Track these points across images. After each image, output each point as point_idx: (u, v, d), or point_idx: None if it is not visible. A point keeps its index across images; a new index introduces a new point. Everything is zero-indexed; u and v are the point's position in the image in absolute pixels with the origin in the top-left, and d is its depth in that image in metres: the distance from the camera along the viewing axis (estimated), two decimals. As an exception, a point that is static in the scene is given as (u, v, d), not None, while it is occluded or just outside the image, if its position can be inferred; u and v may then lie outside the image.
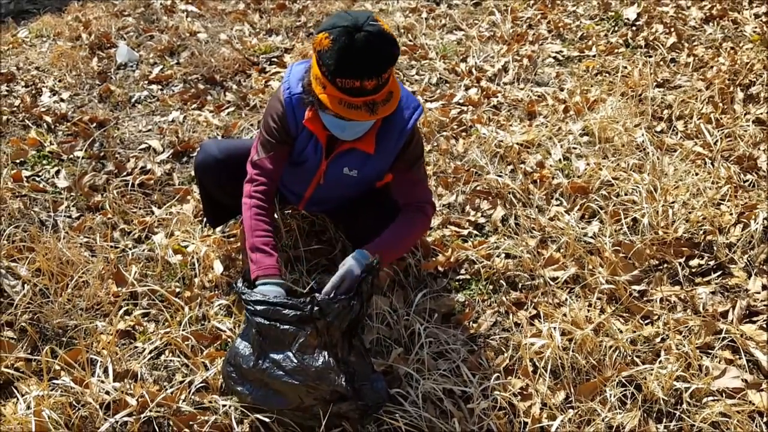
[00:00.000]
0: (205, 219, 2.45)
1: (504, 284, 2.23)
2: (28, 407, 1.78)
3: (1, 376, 1.94)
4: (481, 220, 2.50)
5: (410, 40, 3.90)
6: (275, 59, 3.79)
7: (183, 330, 2.05)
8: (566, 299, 2.15)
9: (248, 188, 1.99)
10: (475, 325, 2.10)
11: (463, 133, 3.02)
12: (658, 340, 2.02)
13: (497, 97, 3.30)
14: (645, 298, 2.17)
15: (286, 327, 1.72)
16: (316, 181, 2.06)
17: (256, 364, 1.73)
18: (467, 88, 3.40)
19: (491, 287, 2.24)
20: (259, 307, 1.74)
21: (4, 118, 3.22)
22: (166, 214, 2.58)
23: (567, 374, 1.88)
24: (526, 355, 1.93)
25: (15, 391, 1.89)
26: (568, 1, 4.30)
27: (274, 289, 1.82)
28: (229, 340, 2.05)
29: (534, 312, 2.12)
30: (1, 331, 2.10)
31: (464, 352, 1.99)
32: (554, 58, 3.67)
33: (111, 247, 2.41)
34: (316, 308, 1.70)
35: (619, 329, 2.03)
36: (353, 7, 4.40)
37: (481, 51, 3.73)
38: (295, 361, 1.71)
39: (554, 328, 1.96)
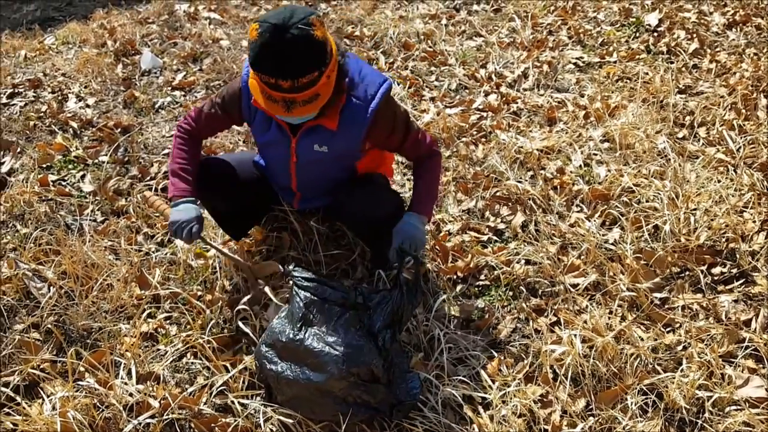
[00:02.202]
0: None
1: (524, 290, 2.23)
2: (54, 408, 1.82)
3: (27, 377, 1.98)
4: (501, 226, 2.50)
5: (430, 47, 3.91)
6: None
7: (204, 333, 2.07)
8: (587, 306, 2.14)
9: (179, 125, 2.17)
10: (494, 332, 2.10)
11: (483, 139, 3.02)
12: (679, 348, 2.00)
13: (517, 103, 3.30)
14: (666, 306, 2.15)
15: (332, 305, 1.81)
16: (293, 164, 2.09)
17: (298, 334, 1.78)
18: (487, 94, 3.40)
19: (511, 293, 2.23)
20: (307, 283, 1.85)
21: (32, 123, 3.29)
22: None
23: (587, 382, 1.88)
24: (546, 362, 1.93)
25: (41, 392, 1.93)
26: (589, 7, 4.29)
27: (188, 206, 2.01)
28: (250, 343, 2.07)
29: (554, 319, 2.12)
30: (27, 333, 2.14)
31: (484, 359, 1.99)
32: (574, 64, 3.66)
33: (135, 250, 2.45)
34: (359, 296, 1.82)
35: (640, 337, 2.02)
36: (374, 13, 4.43)
37: (501, 57, 3.73)
38: (337, 334, 1.77)
39: (575, 335, 1.96)
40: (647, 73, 3.43)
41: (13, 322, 2.19)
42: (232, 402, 1.87)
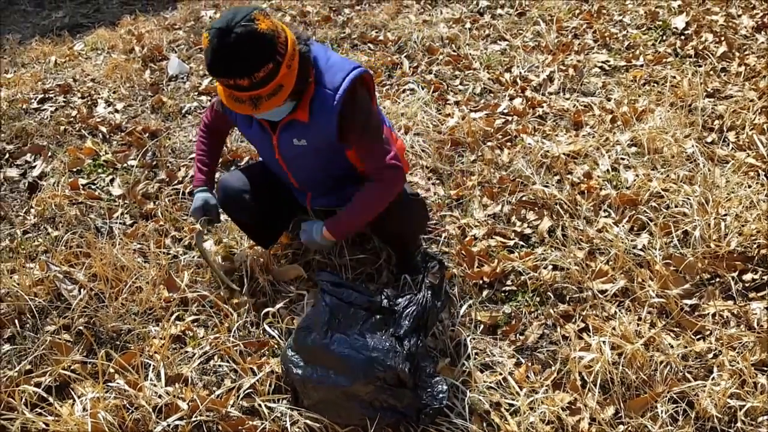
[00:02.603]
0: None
1: (551, 296, 2.21)
2: (85, 409, 1.84)
3: (58, 378, 2.01)
4: (528, 231, 2.49)
5: (454, 51, 3.91)
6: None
7: (232, 336, 2.09)
8: (615, 313, 2.11)
9: (201, 118, 2.36)
10: (521, 338, 2.09)
11: (508, 143, 3.01)
12: (710, 356, 1.97)
13: (542, 107, 3.28)
14: (697, 313, 2.12)
15: (358, 309, 1.82)
16: (281, 160, 2.11)
17: (324, 339, 1.79)
18: (512, 98, 3.39)
19: (538, 299, 2.22)
20: (333, 287, 1.86)
21: (62, 128, 3.35)
22: (216, 222, 2.63)
23: (616, 389, 1.86)
24: (574, 368, 1.91)
25: (72, 392, 1.96)
26: (614, 11, 4.25)
27: (199, 195, 2.22)
28: (276, 347, 2.08)
29: (582, 325, 2.10)
30: (58, 334, 2.17)
31: (511, 365, 1.98)
32: (600, 67, 3.63)
33: (163, 253, 2.47)
34: (385, 300, 1.83)
35: (669, 344, 2.00)
36: (398, 17, 4.43)
37: (526, 61, 3.72)
38: (363, 338, 1.78)
39: (604, 341, 1.94)
40: (675, 77, 3.39)
41: (44, 324, 2.23)
42: (259, 405, 1.88)
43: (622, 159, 2.82)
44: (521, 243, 2.46)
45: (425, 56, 3.87)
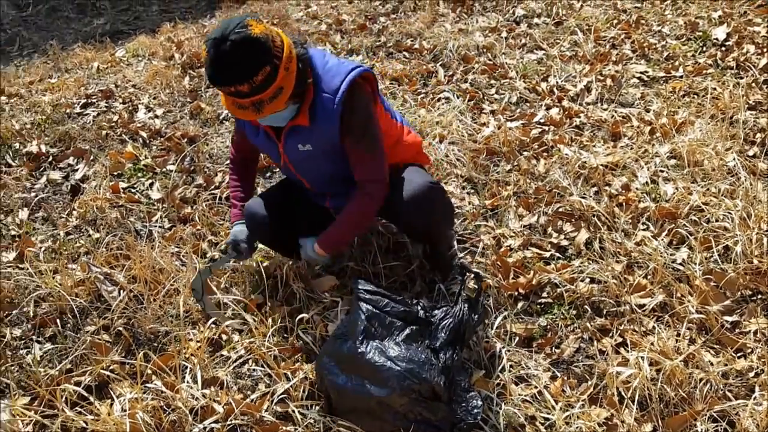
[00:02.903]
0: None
1: (588, 309, 2.18)
2: (123, 409, 1.87)
3: (97, 378, 2.05)
4: (564, 243, 2.46)
5: (490, 60, 3.90)
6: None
7: (266, 340, 2.11)
8: (654, 328, 2.08)
9: (228, 161, 2.48)
10: (557, 351, 2.06)
11: (545, 153, 2.99)
12: (752, 374, 1.92)
13: (580, 117, 3.25)
14: (738, 330, 2.08)
15: (394, 319, 1.82)
16: (290, 165, 2.14)
17: (360, 347, 1.78)
18: (548, 108, 3.36)
19: (574, 312, 2.19)
20: (369, 295, 1.86)
21: (104, 132, 3.43)
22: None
23: (655, 406, 1.83)
24: (612, 383, 1.88)
25: (110, 392, 1.99)
26: (653, 21, 4.20)
27: (240, 228, 2.26)
28: (310, 353, 2.09)
29: (620, 340, 2.07)
30: (98, 334, 2.22)
31: (546, 378, 1.96)
32: (639, 78, 3.58)
33: (200, 257, 2.51)
34: (421, 310, 1.83)
35: (709, 361, 1.95)
36: (433, 26, 4.44)
37: (563, 70, 3.69)
38: (399, 349, 1.77)
39: (642, 357, 1.90)
40: (715, 89, 3.33)
41: (84, 324, 2.28)
42: (293, 411, 1.89)
43: (661, 171, 2.77)
44: (557, 255, 2.43)
45: (461, 65, 3.87)
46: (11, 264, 2.56)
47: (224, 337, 2.19)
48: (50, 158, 3.27)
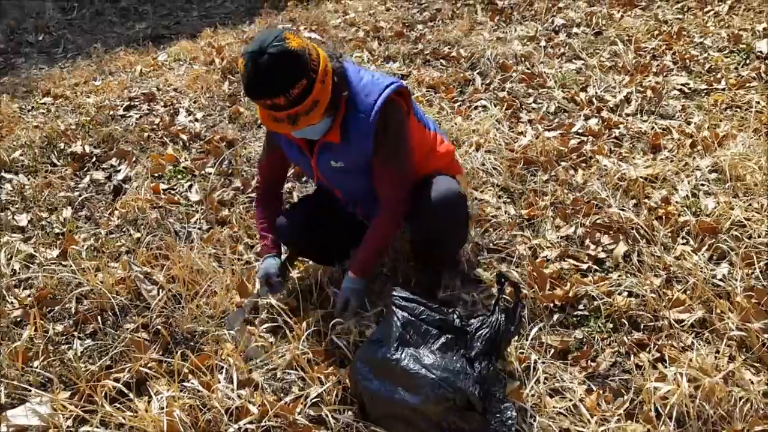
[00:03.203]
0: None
1: (625, 323, 2.15)
2: (161, 407, 1.91)
3: (136, 374, 2.09)
4: (602, 255, 2.43)
5: (528, 69, 3.88)
6: (393, 85, 3.88)
7: (300, 344, 2.12)
8: (692, 344, 2.04)
9: (255, 191, 2.49)
10: (593, 364, 2.04)
11: (583, 164, 2.96)
12: (795, 395, 1.88)
13: (619, 128, 3.21)
14: (780, 349, 2.03)
15: (430, 327, 1.82)
16: (323, 179, 2.16)
17: (395, 354, 1.79)
18: (587, 118, 3.33)
19: (611, 326, 2.17)
20: (405, 303, 1.86)
21: (146, 134, 3.50)
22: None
23: (692, 423, 1.79)
24: (648, 399, 1.85)
25: (148, 389, 2.03)
26: (695, 33, 4.13)
27: (270, 261, 2.24)
28: (343, 358, 2.10)
29: (657, 355, 2.03)
30: (137, 332, 2.26)
31: (581, 392, 1.94)
32: (680, 90, 3.53)
33: (236, 259, 2.54)
34: (457, 319, 1.83)
35: (750, 380, 1.91)
36: (471, 34, 4.44)
37: (602, 81, 3.65)
38: (434, 357, 1.77)
39: (680, 373, 1.87)
40: (759, 102, 3.26)
41: (124, 321, 2.33)
42: (326, 415, 1.90)
43: (702, 185, 2.73)
44: (595, 267, 2.41)
45: (498, 73, 3.86)
46: (55, 261, 2.63)
47: (260, 339, 2.21)
48: (94, 159, 3.36)
